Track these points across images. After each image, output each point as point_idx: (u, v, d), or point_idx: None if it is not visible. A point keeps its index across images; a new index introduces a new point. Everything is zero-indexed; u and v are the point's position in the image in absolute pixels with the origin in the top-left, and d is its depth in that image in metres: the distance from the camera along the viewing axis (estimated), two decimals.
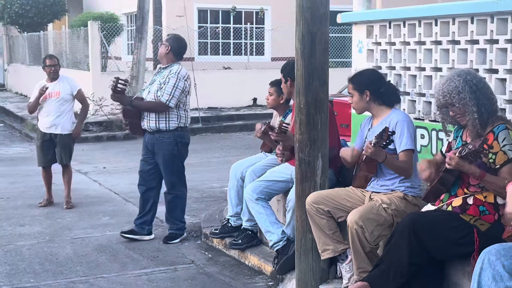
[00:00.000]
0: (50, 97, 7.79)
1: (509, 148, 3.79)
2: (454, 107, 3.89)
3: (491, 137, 3.83)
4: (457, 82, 3.88)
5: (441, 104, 3.96)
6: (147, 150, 6.41)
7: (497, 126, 3.85)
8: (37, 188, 9.08)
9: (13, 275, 5.55)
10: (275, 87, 5.80)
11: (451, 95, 3.87)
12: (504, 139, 3.80)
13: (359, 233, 4.25)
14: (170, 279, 5.41)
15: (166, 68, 6.31)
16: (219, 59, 19.39)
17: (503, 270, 3.08)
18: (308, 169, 4.74)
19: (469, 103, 3.84)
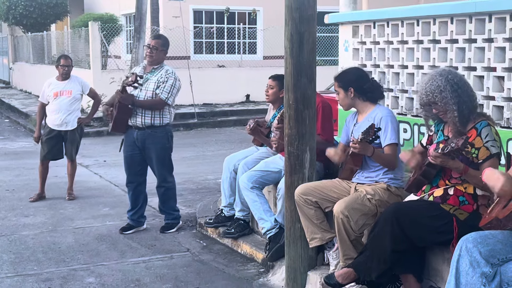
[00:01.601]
0: (62, 95, 7.76)
1: (492, 144, 3.80)
2: (437, 105, 3.89)
3: (474, 133, 3.83)
4: (439, 82, 3.87)
5: (424, 102, 3.96)
6: (134, 146, 6.28)
7: (479, 123, 3.86)
8: None
9: (18, 263, 5.54)
10: (276, 81, 5.77)
11: (434, 94, 3.87)
12: (487, 135, 3.81)
13: (344, 222, 4.26)
14: (166, 266, 5.41)
15: (158, 68, 6.26)
16: (213, 57, 19.38)
17: (479, 256, 3.09)
18: (296, 162, 4.75)
19: (450, 102, 3.84)
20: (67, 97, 7.76)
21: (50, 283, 5.04)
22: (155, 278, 5.13)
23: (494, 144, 3.81)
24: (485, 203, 3.85)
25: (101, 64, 16.43)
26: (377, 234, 3.89)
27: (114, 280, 5.08)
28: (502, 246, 3.15)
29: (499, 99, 4.67)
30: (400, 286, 4.09)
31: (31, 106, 18.49)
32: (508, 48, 4.57)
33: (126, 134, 6.34)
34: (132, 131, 6.25)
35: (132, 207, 6.42)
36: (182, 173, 9.12)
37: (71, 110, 7.78)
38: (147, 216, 6.65)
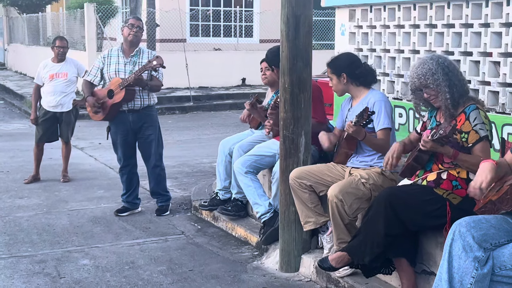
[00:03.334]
0: (58, 78, 7.74)
1: (480, 127, 3.81)
2: (428, 88, 3.89)
3: (463, 117, 3.84)
4: (430, 65, 3.88)
5: (416, 86, 3.95)
6: (129, 130, 6.22)
7: (468, 107, 3.87)
8: None
9: (12, 244, 5.54)
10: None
11: (426, 77, 3.87)
12: (475, 119, 3.82)
13: (339, 206, 4.27)
14: (161, 249, 5.42)
15: (139, 50, 6.20)
16: (209, 40, 19.28)
17: (472, 241, 3.10)
18: (291, 145, 4.75)
19: (442, 84, 3.85)
20: (63, 80, 7.74)
21: (44, 264, 5.04)
22: (149, 260, 5.14)
23: (482, 127, 3.82)
24: None
25: (96, 46, 16.34)
26: (371, 218, 3.90)
27: (108, 262, 5.09)
28: (495, 231, 3.16)
29: (494, 84, 4.68)
30: (394, 270, 4.11)
31: (26, 87, 18.42)
32: (504, 34, 4.56)
33: (115, 121, 6.24)
34: (124, 115, 6.18)
35: (126, 190, 6.42)
36: (177, 156, 9.14)
37: (67, 92, 7.76)
38: (143, 198, 6.65)
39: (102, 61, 6.21)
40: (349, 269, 4.38)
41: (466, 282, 3.07)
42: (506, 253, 3.10)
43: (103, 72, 6.19)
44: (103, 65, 6.19)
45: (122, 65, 6.12)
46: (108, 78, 6.16)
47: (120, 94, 6.03)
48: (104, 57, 6.23)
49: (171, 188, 7.28)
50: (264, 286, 4.61)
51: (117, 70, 6.11)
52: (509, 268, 3.08)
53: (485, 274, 3.07)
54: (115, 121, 6.26)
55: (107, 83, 6.17)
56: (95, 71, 6.22)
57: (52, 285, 4.63)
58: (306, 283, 4.68)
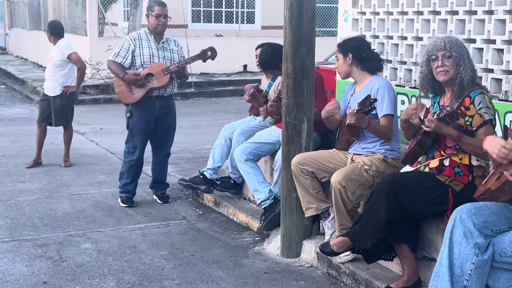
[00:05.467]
0: (48, 62, 7.85)
1: (485, 111, 3.82)
2: (447, 58, 3.84)
3: (467, 101, 3.84)
4: (458, 40, 3.89)
5: (439, 48, 3.85)
6: (153, 118, 6.10)
7: (473, 91, 3.87)
8: None
9: (14, 228, 5.57)
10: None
11: (451, 45, 3.84)
12: (480, 103, 3.82)
13: (342, 192, 4.28)
14: (162, 234, 5.44)
15: (166, 38, 6.16)
16: (211, 26, 19.22)
17: (473, 227, 3.11)
18: (294, 132, 4.76)
19: (466, 60, 3.85)
20: (50, 63, 7.80)
21: (46, 248, 5.07)
22: (151, 245, 5.16)
23: (487, 111, 3.82)
24: (481, 175, 3.88)
25: (98, 31, 16.30)
26: (373, 205, 3.91)
27: (110, 246, 5.11)
28: (496, 218, 3.18)
29: (498, 71, 4.68)
30: (395, 256, 4.13)
31: (27, 72, 18.41)
32: (508, 21, 4.56)
33: (142, 107, 6.03)
34: (152, 101, 6.04)
35: (132, 180, 6.24)
36: (179, 142, 9.10)
37: (54, 76, 7.72)
38: (143, 183, 6.66)
39: (133, 43, 5.97)
40: (350, 255, 4.40)
41: (466, 268, 3.09)
42: (507, 240, 3.12)
43: (135, 55, 5.97)
44: (134, 47, 5.96)
45: (155, 50, 6.02)
46: (141, 61, 5.97)
47: (163, 79, 5.94)
48: (135, 39, 6.00)
49: (173, 174, 7.31)
50: (265, 271, 4.64)
51: (152, 55, 5.99)
52: (509, 255, 3.10)
53: (486, 260, 3.10)
54: (141, 107, 6.05)
55: (138, 66, 5.98)
56: (124, 53, 5.96)
57: (54, 269, 4.65)
58: (307, 268, 4.71)
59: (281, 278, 4.53)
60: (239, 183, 6.03)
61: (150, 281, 4.45)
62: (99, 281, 4.45)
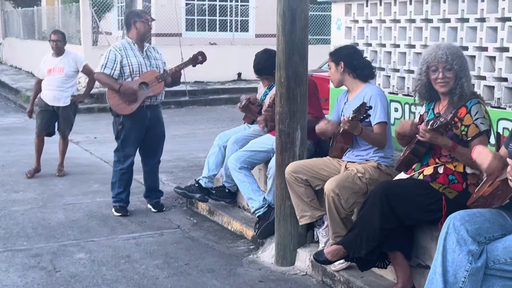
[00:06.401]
0: (54, 72, 7.68)
1: (481, 121, 3.82)
2: (448, 70, 3.84)
3: (463, 110, 3.84)
4: (458, 50, 3.90)
5: (441, 61, 3.83)
6: (144, 126, 6.09)
7: (470, 101, 3.86)
8: (31, 156, 8.98)
9: (7, 238, 5.54)
10: None
11: (453, 58, 3.83)
12: (477, 113, 3.82)
13: (335, 200, 4.28)
14: (156, 243, 5.42)
15: (149, 46, 6.18)
16: (205, 35, 19.25)
17: (466, 234, 3.11)
18: (287, 140, 4.76)
19: (466, 70, 3.86)
20: (59, 74, 7.68)
21: (40, 258, 5.05)
22: (145, 254, 5.14)
23: (483, 121, 3.82)
24: (475, 182, 3.88)
25: (92, 40, 16.31)
26: (367, 212, 3.91)
27: (104, 256, 5.09)
28: (489, 225, 3.18)
29: (490, 79, 4.69)
30: (389, 263, 4.13)
31: (21, 81, 18.38)
32: (500, 28, 4.58)
33: (134, 116, 5.98)
34: (142, 111, 6.01)
35: (124, 188, 6.21)
36: (173, 150, 9.13)
37: (64, 87, 7.71)
38: (137, 192, 6.66)
39: (120, 53, 5.92)
40: (344, 263, 4.40)
41: (460, 275, 3.10)
42: (500, 247, 3.12)
43: (123, 65, 5.91)
44: (121, 58, 5.91)
45: (141, 59, 6.00)
46: (130, 71, 5.93)
47: (158, 86, 5.95)
48: (120, 49, 5.94)
49: (167, 182, 7.31)
50: (259, 280, 4.63)
51: (139, 63, 5.97)
52: (502, 262, 3.10)
53: (479, 267, 3.10)
54: (133, 117, 5.99)
55: (127, 76, 5.94)
56: (112, 64, 5.90)
57: (47, 279, 4.63)
58: (302, 277, 4.69)
59: (275, 286, 4.52)
60: (234, 192, 6.02)
61: None
62: None
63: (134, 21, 6.02)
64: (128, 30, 6.08)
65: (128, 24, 6.06)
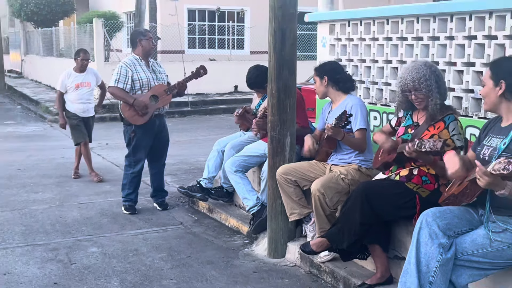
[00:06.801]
0: (82, 87, 7.61)
1: (457, 137, 3.81)
2: (418, 91, 3.84)
3: (441, 125, 3.83)
4: (424, 71, 3.84)
5: (409, 87, 3.86)
6: (153, 133, 6.08)
7: (447, 116, 3.85)
8: (49, 160, 9.02)
9: (28, 234, 5.51)
10: None
11: (420, 81, 3.82)
12: (454, 129, 3.82)
13: (321, 199, 4.28)
14: (162, 238, 5.40)
15: (153, 61, 6.17)
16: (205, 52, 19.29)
17: (438, 229, 3.11)
18: (278, 145, 4.76)
19: (434, 90, 3.83)
20: (87, 88, 7.65)
21: (57, 252, 5.02)
22: (151, 248, 5.12)
23: (459, 137, 3.83)
24: (445, 183, 3.87)
25: (104, 57, 16.29)
26: (349, 209, 3.91)
27: (114, 250, 5.07)
28: (458, 220, 3.18)
29: (458, 90, 4.69)
30: (369, 255, 4.13)
31: (40, 94, 18.32)
32: (467, 45, 4.58)
33: (145, 126, 5.96)
34: (152, 120, 5.98)
35: (134, 189, 6.19)
36: (177, 155, 9.12)
37: (90, 99, 7.73)
38: (145, 193, 6.64)
39: (130, 69, 5.89)
40: (329, 255, 4.39)
41: (432, 265, 3.09)
42: (467, 240, 3.12)
43: (133, 80, 5.89)
44: (132, 73, 5.88)
45: (149, 73, 5.98)
46: (140, 85, 5.92)
47: (167, 98, 5.97)
48: (130, 65, 5.91)
49: (171, 184, 7.29)
50: (254, 271, 4.61)
51: (148, 78, 5.96)
52: (470, 253, 3.11)
53: (449, 258, 3.10)
54: (144, 126, 5.96)
55: (138, 89, 5.92)
56: (124, 79, 5.86)
57: (64, 271, 4.61)
58: (292, 267, 4.68)
59: (268, 276, 4.50)
60: (231, 192, 6.01)
61: (150, 280, 4.41)
62: (104, 281, 4.41)
63: (140, 39, 6.01)
64: (134, 48, 6.07)
65: (134, 42, 6.04)
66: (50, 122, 13.94)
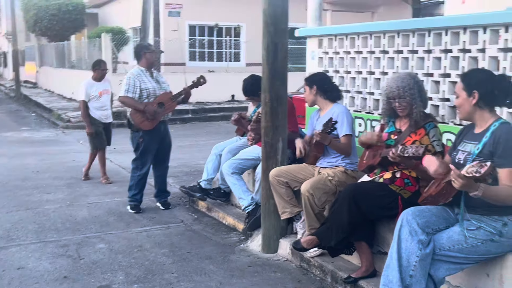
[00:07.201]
0: (105, 94, 7.52)
1: (437, 143, 3.79)
2: (402, 99, 3.81)
3: (422, 131, 3.81)
4: (409, 81, 3.82)
5: (394, 95, 3.83)
6: (159, 139, 6.04)
7: (428, 123, 3.83)
8: (61, 164, 8.97)
9: (40, 231, 5.47)
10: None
11: (404, 90, 3.79)
12: (434, 136, 3.80)
13: (310, 199, 4.25)
14: (164, 235, 5.37)
15: (155, 72, 6.15)
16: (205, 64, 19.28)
17: (417, 227, 3.10)
18: (271, 149, 4.74)
19: (417, 98, 3.81)
20: (107, 96, 7.58)
21: (67, 248, 4.98)
22: (154, 244, 5.09)
23: (439, 143, 3.81)
24: (425, 185, 3.84)
25: (112, 69, 16.26)
26: (337, 209, 3.88)
27: (120, 246, 5.03)
28: (435, 219, 3.17)
29: (436, 99, 4.69)
30: (354, 251, 4.10)
31: (53, 102, 18.26)
32: (443, 58, 4.58)
33: (152, 131, 5.93)
34: (158, 126, 5.95)
35: (139, 190, 6.14)
36: (179, 158, 9.08)
37: (110, 106, 7.64)
38: (149, 193, 6.59)
39: (138, 79, 5.86)
40: (318, 251, 4.37)
41: (412, 260, 3.07)
42: (444, 236, 3.11)
43: (141, 89, 5.85)
44: (139, 83, 5.84)
45: (154, 83, 5.95)
46: (147, 93, 5.88)
47: (172, 105, 5.96)
48: (137, 76, 5.88)
49: (173, 185, 7.24)
50: (248, 265, 4.58)
51: (154, 88, 5.93)
52: (447, 249, 3.09)
53: (427, 254, 3.08)
54: (151, 132, 5.93)
55: (145, 98, 5.88)
56: (133, 89, 5.84)
57: (73, 265, 4.57)
58: (283, 262, 4.66)
59: (261, 270, 4.48)
60: (228, 192, 5.98)
61: (153, 274, 4.38)
62: (110, 275, 4.37)
63: (144, 52, 5.99)
64: (139, 60, 6.04)
65: (139, 55, 6.02)
66: (62, 129, 13.89)
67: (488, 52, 4.20)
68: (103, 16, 25.69)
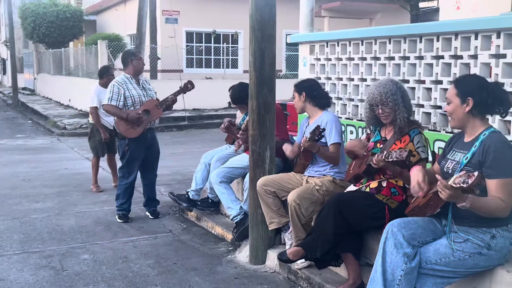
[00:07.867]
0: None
1: (422, 150, 3.70)
2: (385, 106, 3.72)
3: (407, 138, 3.72)
4: (391, 86, 3.74)
5: (376, 101, 3.75)
6: (145, 146, 5.93)
7: (412, 130, 3.74)
8: (53, 172, 8.87)
9: (25, 241, 5.35)
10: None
11: (386, 95, 3.71)
12: (418, 142, 3.70)
13: (296, 209, 4.15)
14: (151, 245, 5.25)
15: (142, 79, 6.07)
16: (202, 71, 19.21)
17: (402, 239, 2.99)
18: (259, 158, 4.63)
19: (400, 104, 3.72)
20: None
21: (50, 259, 4.87)
22: (140, 255, 4.97)
23: (424, 150, 3.71)
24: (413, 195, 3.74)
25: None
26: (322, 220, 3.78)
27: (105, 257, 4.92)
28: (422, 231, 3.06)
29: (427, 106, 4.59)
30: (342, 262, 3.99)
31: (50, 110, 18.20)
32: (435, 65, 4.49)
33: (138, 139, 5.81)
34: (144, 134, 5.83)
35: (127, 199, 6.02)
36: (172, 166, 8.99)
37: None
38: (138, 202, 6.48)
39: (122, 87, 5.74)
40: (306, 262, 4.25)
41: (397, 274, 2.96)
42: (431, 249, 3.00)
43: (126, 97, 5.73)
44: (124, 91, 5.73)
45: (140, 90, 5.85)
46: (132, 101, 5.77)
47: (158, 112, 5.83)
48: (121, 83, 5.76)
49: (164, 193, 7.14)
50: (235, 277, 4.47)
51: (139, 95, 5.83)
52: (433, 262, 2.98)
53: (413, 267, 2.97)
54: (137, 139, 5.81)
55: (130, 105, 5.77)
56: (117, 97, 5.72)
57: (55, 277, 4.45)
58: (271, 274, 4.54)
59: (248, 282, 4.36)
60: (216, 201, 5.87)
61: (136, 286, 4.26)
62: (92, 287, 4.25)
63: (131, 59, 5.90)
64: (126, 67, 5.95)
65: (126, 62, 5.92)
66: (57, 136, 13.81)
67: (480, 58, 4.11)
68: (101, 23, 25.68)
